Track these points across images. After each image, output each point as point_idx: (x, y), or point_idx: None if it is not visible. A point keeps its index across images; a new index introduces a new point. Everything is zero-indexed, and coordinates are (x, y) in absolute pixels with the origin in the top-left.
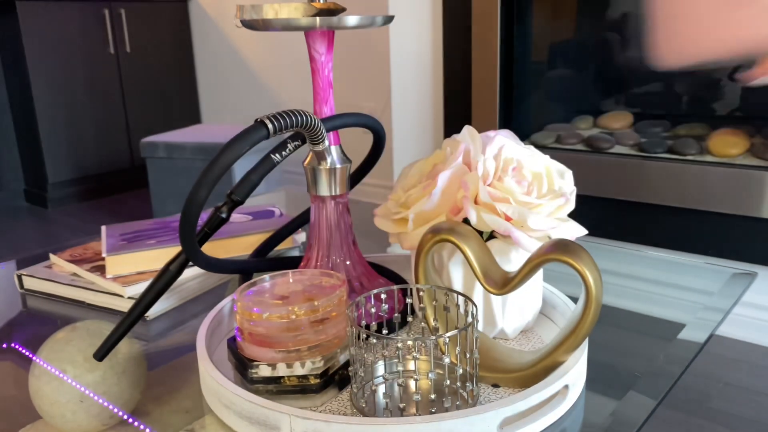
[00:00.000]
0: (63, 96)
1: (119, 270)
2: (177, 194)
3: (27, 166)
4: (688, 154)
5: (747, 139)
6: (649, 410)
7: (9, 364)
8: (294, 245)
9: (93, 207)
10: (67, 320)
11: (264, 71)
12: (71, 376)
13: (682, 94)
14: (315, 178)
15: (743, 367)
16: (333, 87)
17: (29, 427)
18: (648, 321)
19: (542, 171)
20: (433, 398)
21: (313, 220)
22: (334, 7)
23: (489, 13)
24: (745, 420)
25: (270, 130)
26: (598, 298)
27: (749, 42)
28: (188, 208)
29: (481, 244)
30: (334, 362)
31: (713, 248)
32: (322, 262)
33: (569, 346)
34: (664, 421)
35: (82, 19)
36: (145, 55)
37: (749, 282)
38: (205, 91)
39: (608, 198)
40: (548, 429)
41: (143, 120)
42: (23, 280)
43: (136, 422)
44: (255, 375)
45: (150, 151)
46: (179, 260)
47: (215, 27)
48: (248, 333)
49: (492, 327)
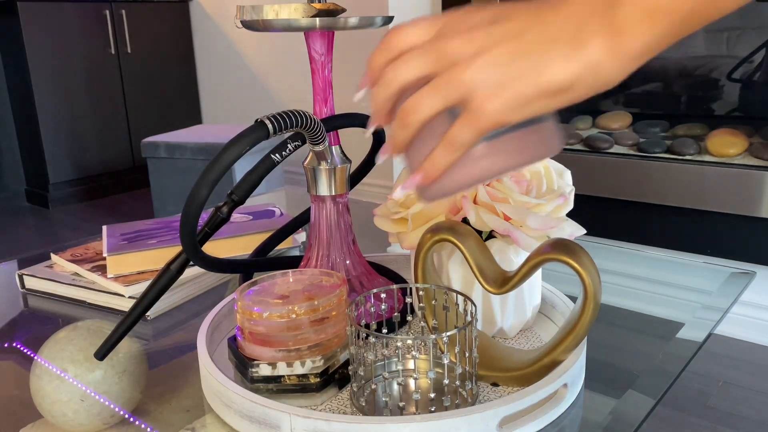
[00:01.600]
0: (64, 96)
1: (120, 270)
2: (178, 194)
3: (28, 166)
4: (687, 154)
5: (745, 139)
6: (648, 409)
7: (10, 364)
8: (294, 245)
9: (94, 207)
10: (68, 320)
11: (264, 71)
12: (72, 376)
13: (680, 94)
14: (315, 178)
15: (742, 366)
16: (333, 87)
17: (30, 426)
18: (647, 320)
19: (541, 171)
20: (433, 397)
21: (313, 220)
22: (334, 8)
23: None
24: (743, 419)
25: (270, 130)
26: (596, 298)
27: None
28: (189, 208)
29: (480, 244)
30: (334, 361)
31: (712, 248)
32: (322, 261)
33: (568, 345)
34: (662, 419)
35: (83, 20)
36: (146, 56)
37: (748, 281)
38: (205, 91)
39: (607, 198)
40: (547, 428)
41: (144, 120)
42: (24, 280)
43: (137, 421)
44: (255, 374)
45: (151, 151)
46: (180, 260)
47: (215, 27)
48: (249, 332)
49: (491, 326)
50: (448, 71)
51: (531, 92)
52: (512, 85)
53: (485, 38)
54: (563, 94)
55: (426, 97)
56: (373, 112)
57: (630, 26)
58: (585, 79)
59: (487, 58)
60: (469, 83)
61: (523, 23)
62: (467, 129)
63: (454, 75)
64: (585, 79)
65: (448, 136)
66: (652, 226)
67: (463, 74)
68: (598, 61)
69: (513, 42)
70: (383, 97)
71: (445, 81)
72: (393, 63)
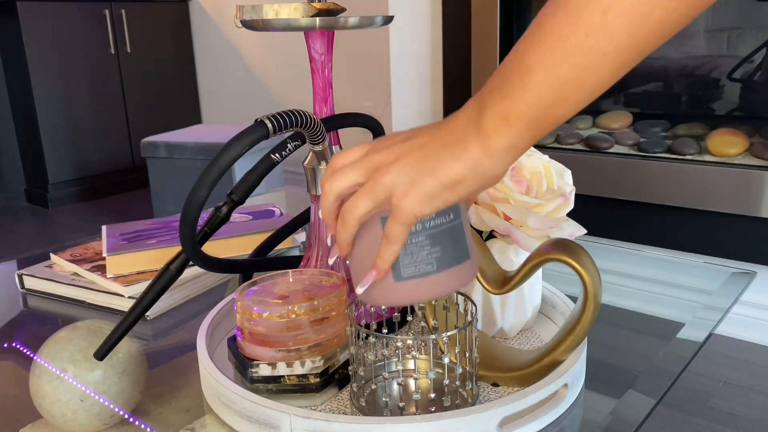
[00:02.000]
0: (63, 96)
1: (120, 270)
2: (177, 194)
3: (28, 166)
4: (687, 154)
5: (746, 138)
6: (649, 409)
7: (10, 364)
8: (294, 245)
9: (93, 207)
10: (68, 320)
11: (264, 71)
12: (72, 376)
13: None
14: (315, 178)
15: (742, 366)
16: (333, 87)
17: (30, 427)
18: (647, 320)
19: (541, 171)
20: (433, 397)
21: (313, 219)
22: (334, 8)
23: (489, 13)
24: (744, 419)
25: (270, 130)
26: (596, 298)
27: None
28: (188, 208)
29: (481, 244)
30: (334, 361)
31: (712, 248)
32: (322, 261)
33: (568, 346)
34: (663, 419)
35: (83, 19)
36: (146, 55)
37: (748, 281)
38: (205, 91)
39: (607, 198)
40: (548, 428)
41: (144, 120)
42: (24, 280)
43: (137, 421)
44: (255, 374)
45: (150, 150)
46: (179, 260)
47: (215, 27)
48: (248, 332)
49: (491, 326)
50: (373, 177)
51: (434, 187)
52: (420, 183)
53: (400, 150)
54: (458, 187)
55: (359, 199)
56: (325, 221)
57: (492, 130)
58: (472, 174)
59: (401, 163)
60: (390, 184)
61: (426, 137)
62: (396, 224)
63: (378, 179)
64: (472, 174)
65: (386, 233)
66: (652, 226)
67: (384, 177)
68: (477, 159)
69: (419, 150)
70: (325, 204)
71: (371, 184)
72: (332, 176)
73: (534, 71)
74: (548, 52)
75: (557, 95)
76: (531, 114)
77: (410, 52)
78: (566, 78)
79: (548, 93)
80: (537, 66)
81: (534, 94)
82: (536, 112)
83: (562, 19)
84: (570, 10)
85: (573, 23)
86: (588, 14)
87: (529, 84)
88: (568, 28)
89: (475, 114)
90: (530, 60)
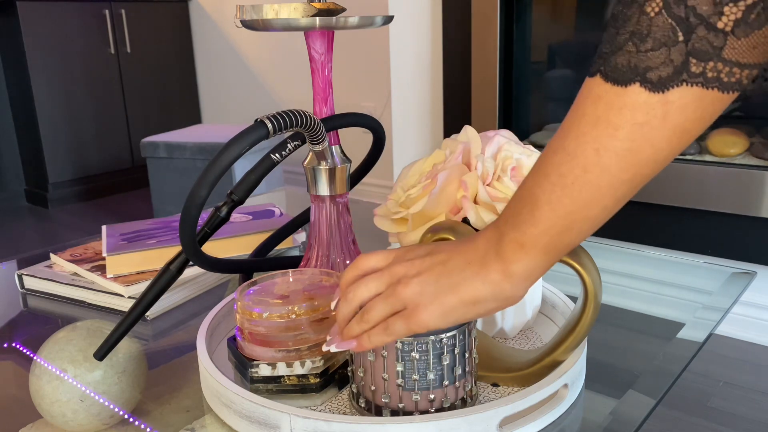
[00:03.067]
0: (63, 96)
1: (119, 270)
2: (177, 194)
3: (27, 166)
4: (688, 154)
5: (746, 138)
6: (649, 409)
7: (10, 364)
8: (294, 245)
9: (93, 207)
10: (68, 320)
11: (264, 71)
12: (72, 376)
13: None
14: (315, 178)
15: (742, 366)
16: (333, 87)
17: (30, 427)
18: (647, 320)
19: None
20: (433, 398)
21: (313, 219)
22: (334, 8)
23: (489, 14)
24: (744, 419)
25: (270, 130)
26: (597, 298)
27: None
28: (188, 208)
29: None
30: (333, 361)
31: (712, 247)
32: (322, 261)
33: (569, 346)
34: (663, 419)
35: (83, 19)
36: (146, 55)
37: (748, 281)
38: (205, 91)
39: None
40: (548, 428)
41: (143, 120)
42: (24, 280)
43: (137, 421)
44: (255, 374)
45: (150, 150)
46: (179, 260)
47: (215, 27)
48: (248, 332)
49: (491, 326)
50: (394, 287)
51: (454, 303)
52: (442, 297)
53: (420, 264)
54: (477, 306)
55: (378, 303)
56: (338, 321)
57: (511, 255)
58: (492, 296)
59: (422, 277)
60: (410, 295)
61: (447, 254)
62: (402, 323)
63: (399, 290)
64: (492, 296)
65: (387, 323)
66: (652, 226)
67: (405, 289)
68: (498, 281)
69: (440, 267)
70: (347, 311)
71: (392, 293)
72: (356, 283)
73: (540, 205)
74: (551, 187)
75: (564, 225)
76: (544, 241)
77: (410, 52)
78: (569, 210)
79: (556, 224)
80: (543, 199)
81: (543, 226)
82: (549, 240)
83: (562, 158)
84: (568, 150)
85: (570, 162)
86: (581, 153)
87: (537, 216)
88: (566, 167)
89: (495, 239)
90: (537, 193)
